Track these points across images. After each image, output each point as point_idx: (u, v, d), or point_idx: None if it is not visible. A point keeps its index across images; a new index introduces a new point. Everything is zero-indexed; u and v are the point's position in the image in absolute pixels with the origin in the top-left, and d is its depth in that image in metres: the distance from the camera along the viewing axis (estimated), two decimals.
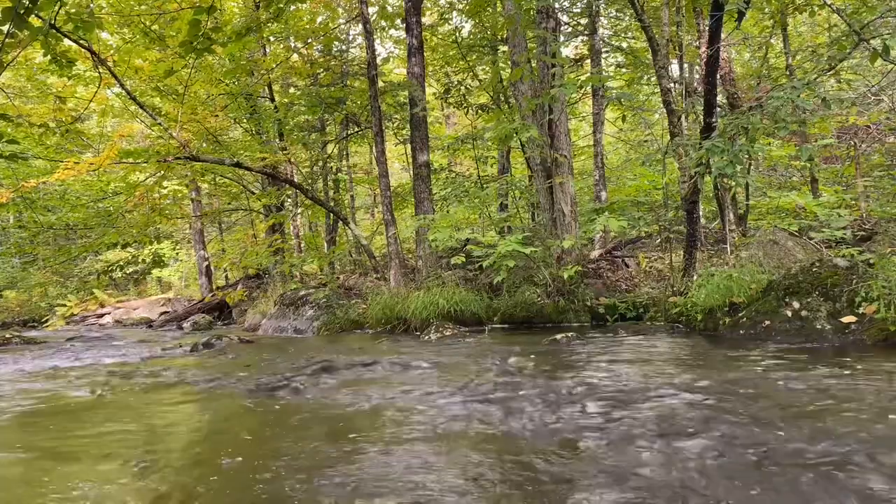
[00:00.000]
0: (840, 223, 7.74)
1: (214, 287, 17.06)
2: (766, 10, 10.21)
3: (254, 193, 15.03)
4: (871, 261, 5.45)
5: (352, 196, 16.89)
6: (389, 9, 11.66)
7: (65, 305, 18.04)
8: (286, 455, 2.63)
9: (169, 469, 2.56)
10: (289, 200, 14.32)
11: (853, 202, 10.36)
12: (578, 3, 12.28)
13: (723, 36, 7.71)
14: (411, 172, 10.36)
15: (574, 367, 4.48)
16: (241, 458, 2.61)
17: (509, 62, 10.02)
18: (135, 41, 10.94)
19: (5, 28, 3.27)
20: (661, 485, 2.10)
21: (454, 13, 12.90)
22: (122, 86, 8.58)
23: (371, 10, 10.79)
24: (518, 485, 2.18)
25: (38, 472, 2.62)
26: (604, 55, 12.79)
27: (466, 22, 13.20)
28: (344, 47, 14.35)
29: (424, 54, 10.21)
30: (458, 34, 11.93)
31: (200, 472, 2.49)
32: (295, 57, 13.18)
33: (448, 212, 10.03)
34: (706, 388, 3.50)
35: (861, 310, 4.76)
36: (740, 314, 5.69)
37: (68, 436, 3.28)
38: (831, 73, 6.27)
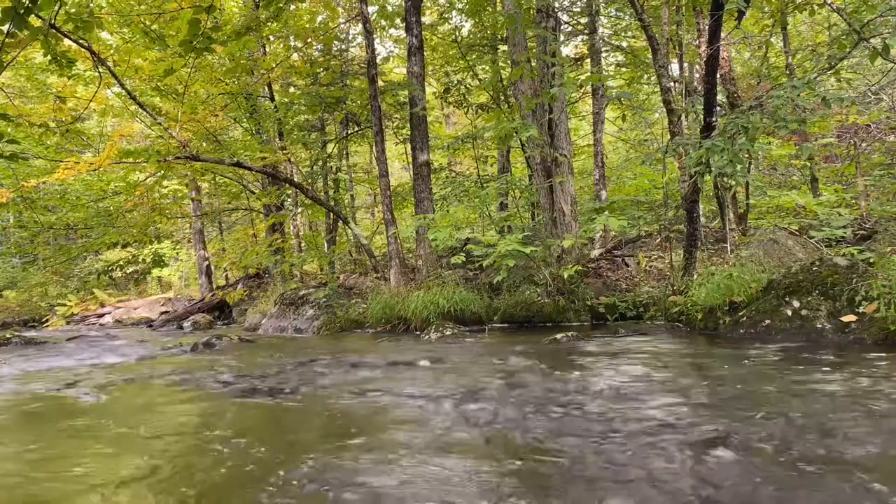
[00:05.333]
0: (840, 222, 7.76)
1: (215, 287, 17.07)
2: (766, 9, 10.20)
3: (254, 193, 15.03)
4: (872, 260, 5.46)
5: (352, 195, 16.89)
6: (389, 8, 11.64)
7: (65, 305, 18.04)
8: (286, 455, 2.63)
9: (168, 470, 2.56)
10: (289, 200, 14.33)
11: (853, 201, 10.36)
12: (578, 2, 12.28)
13: (723, 35, 7.70)
14: (411, 172, 10.36)
15: (574, 367, 4.48)
16: (240, 460, 2.61)
17: (509, 61, 10.02)
18: (134, 41, 10.93)
19: (5, 28, 3.27)
20: (661, 483, 2.10)
21: (454, 12, 12.89)
22: (121, 85, 8.57)
23: (371, 9, 10.78)
24: (518, 483, 2.18)
25: (37, 472, 2.62)
26: (604, 54, 12.79)
27: (466, 21, 13.19)
28: (344, 46, 14.35)
29: (424, 53, 10.21)
30: (457, 33, 11.93)
31: (200, 472, 2.49)
32: (295, 56, 13.17)
33: (448, 211, 10.05)
34: (705, 386, 3.50)
35: (861, 309, 4.76)
36: (740, 313, 5.69)
37: (68, 436, 3.28)
38: (831, 71, 6.25)
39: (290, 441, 2.91)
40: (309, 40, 12.62)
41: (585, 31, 12.17)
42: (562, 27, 11.79)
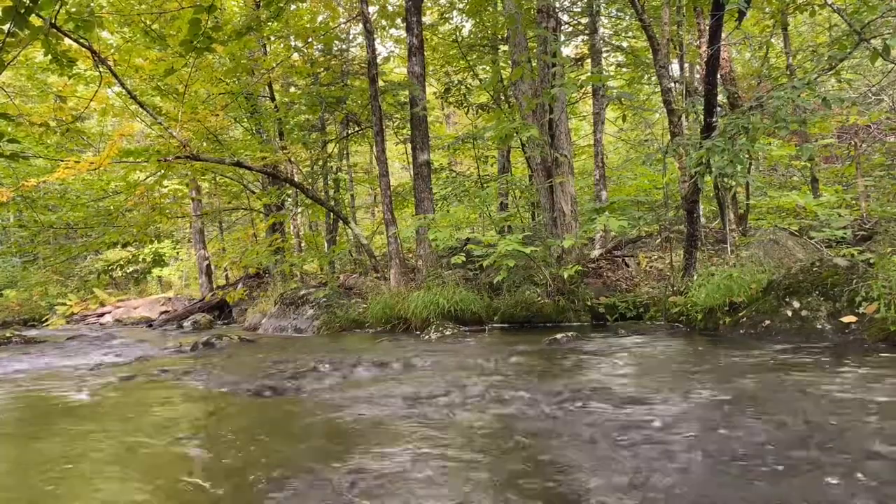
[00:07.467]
0: (840, 223, 7.74)
1: (215, 286, 17.06)
2: (767, 9, 10.21)
3: (254, 193, 15.03)
4: (872, 260, 5.46)
5: (352, 195, 16.89)
6: (390, 8, 11.65)
7: (65, 304, 18.04)
8: (285, 456, 2.63)
9: (166, 469, 2.56)
10: (289, 200, 14.32)
11: (853, 202, 10.36)
12: (579, 3, 12.28)
13: (723, 35, 7.70)
14: (412, 172, 10.36)
15: (574, 367, 4.48)
16: (239, 460, 2.61)
17: (509, 61, 10.02)
18: (135, 40, 10.94)
19: (6, 27, 3.27)
20: (656, 484, 2.10)
21: (454, 12, 12.90)
22: (122, 85, 8.57)
23: (371, 9, 10.79)
24: (515, 484, 2.18)
25: (35, 472, 2.62)
26: (604, 54, 12.79)
27: (467, 21, 13.20)
28: (344, 46, 14.36)
29: (425, 54, 10.21)
30: (458, 33, 11.93)
31: (199, 473, 2.49)
32: (295, 56, 13.18)
33: (448, 211, 10.04)
34: (704, 387, 3.50)
35: (861, 309, 4.76)
36: (740, 314, 5.69)
37: (67, 436, 3.28)
38: (832, 72, 6.26)
39: (288, 441, 2.91)
40: (309, 40, 12.62)
41: (586, 32, 12.17)
42: (562, 27, 11.79)
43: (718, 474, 2.16)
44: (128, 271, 21.70)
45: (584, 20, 12.19)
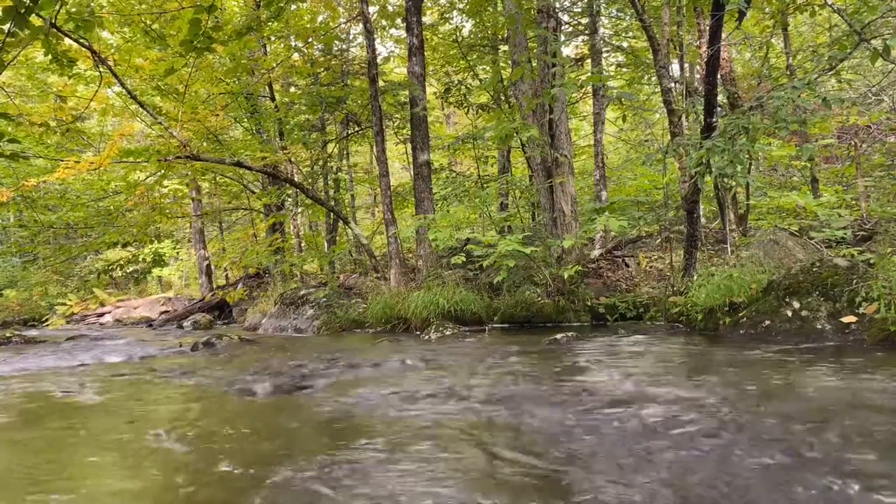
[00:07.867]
0: (840, 223, 7.74)
1: (215, 286, 17.07)
2: (767, 9, 10.21)
3: (254, 193, 15.04)
4: (872, 261, 5.46)
5: (352, 195, 16.90)
6: (390, 8, 11.65)
7: (65, 304, 18.04)
8: (285, 457, 2.63)
9: (166, 471, 2.56)
10: (289, 200, 14.33)
11: (853, 202, 10.36)
12: (579, 3, 12.28)
13: (723, 35, 7.70)
14: (412, 172, 10.36)
15: (573, 367, 4.48)
16: (239, 460, 2.61)
17: (510, 62, 10.02)
18: (135, 40, 10.94)
19: (6, 27, 3.27)
20: (654, 484, 2.10)
21: (455, 12, 12.90)
22: (122, 85, 8.57)
23: (371, 9, 10.79)
24: (511, 482, 2.18)
25: (34, 471, 2.62)
26: (604, 55, 12.79)
27: (467, 21, 13.21)
28: (344, 46, 14.36)
29: (425, 54, 10.21)
30: (458, 34, 11.93)
31: (199, 474, 2.49)
32: (295, 56, 13.18)
33: (448, 211, 10.03)
34: (703, 387, 3.50)
35: (861, 310, 4.76)
36: (740, 314, 5.69)
37: (66, 436, 3.28)
38: (832, 72, 6.26)
39: (288, 441, 2.91)
40: (310, 40, 12.63)
41: (586, 32, 12.18)
42: (562, 27, 11.79)
43: (716, 473, 2.16)
44: (128, 271, 21.71)
45: (584, 20, 12.19)
